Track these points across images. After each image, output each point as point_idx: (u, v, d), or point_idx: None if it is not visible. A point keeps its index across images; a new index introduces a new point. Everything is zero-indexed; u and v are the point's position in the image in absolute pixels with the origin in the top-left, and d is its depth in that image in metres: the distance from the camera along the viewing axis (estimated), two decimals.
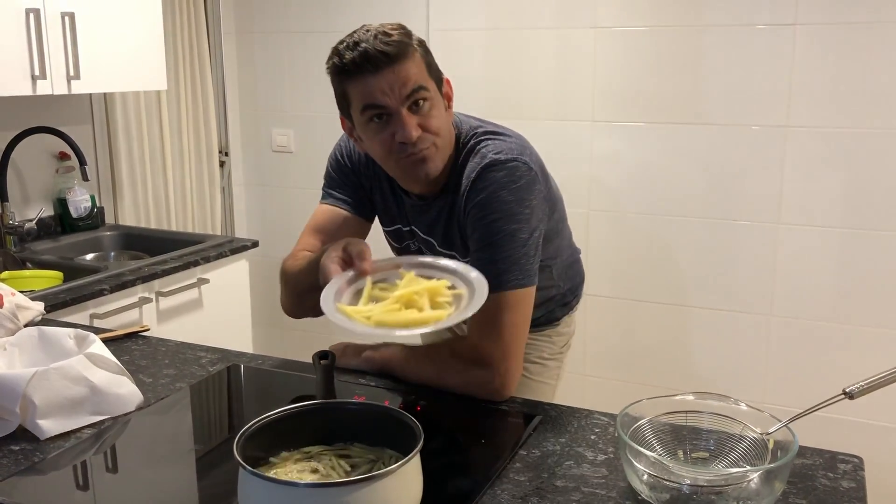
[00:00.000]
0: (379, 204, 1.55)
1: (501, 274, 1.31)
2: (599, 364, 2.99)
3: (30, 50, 2.24)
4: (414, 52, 1.30)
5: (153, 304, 2.42)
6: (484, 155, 1.36)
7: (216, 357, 1.56)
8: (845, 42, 2.47)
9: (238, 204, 3.58)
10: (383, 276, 1.19)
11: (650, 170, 2.80)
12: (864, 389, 1.04)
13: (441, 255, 1.46)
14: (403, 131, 1.29)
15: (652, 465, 1.00)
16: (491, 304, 1.31)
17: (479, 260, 1.32)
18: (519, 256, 1.32)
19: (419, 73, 1.30)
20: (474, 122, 1.45)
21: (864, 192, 2.54)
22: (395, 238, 1.59)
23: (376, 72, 1.27)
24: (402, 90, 1.28)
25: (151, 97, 3.03)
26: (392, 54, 1.26)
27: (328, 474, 0.98)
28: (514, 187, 1.33)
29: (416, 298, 1.12)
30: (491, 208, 1.32)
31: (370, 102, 1.29)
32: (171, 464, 1.19)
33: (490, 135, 1.40)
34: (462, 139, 1.41)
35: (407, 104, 1.29)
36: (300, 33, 3.28)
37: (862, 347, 2.61)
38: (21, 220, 2.62)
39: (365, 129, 1.34)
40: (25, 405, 1.22)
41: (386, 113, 1.30)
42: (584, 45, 2.81)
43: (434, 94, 1.33)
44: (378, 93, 1.28)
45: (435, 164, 1.35)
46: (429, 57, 1.35)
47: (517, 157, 1.35)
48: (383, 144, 1.33)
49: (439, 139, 1.34)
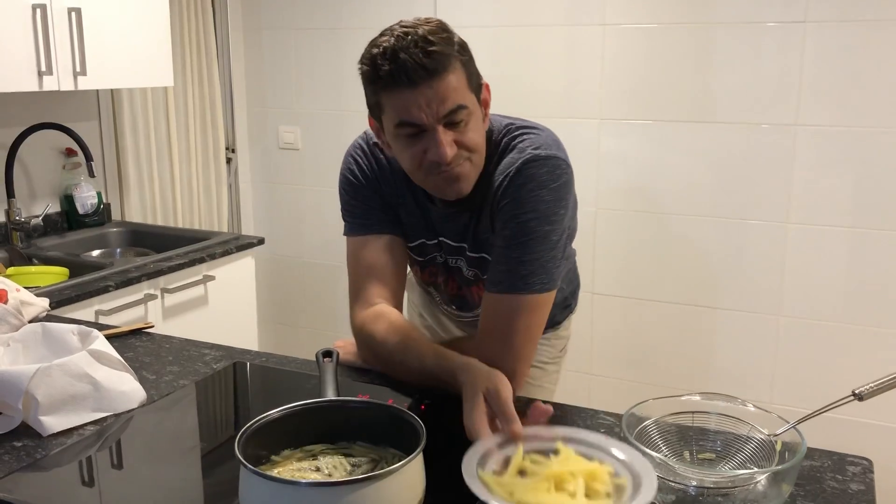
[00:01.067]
0: (402, 218, 1.45)
1: (527, 276, 1.28)
2: (606, 363, 2.98)
3: (36, 46, 2.24)
4: (455, 62, 1.21)
5: (158, 301, 2.41)
6: (522, 150, 1.30)
7: (220, 354, 1.56)
8: (855, 40, 2.45)
9: (245, 201, 3.58)
10: (539, 447, 1.02)
11: (658, 168, 2.78)
12: (873, 391, 1.03)
13: (471, 261, 1.41)
14: (437, 150, 1.22)
15: (658, 466, 0.99)
16: (509, 304, 1.30)
17: (506, 257, 1.29)
18: (547, 259, 1.29)
19: (459, 88, 1.22)
20: (505, 120, 1.39)
21: (875, 191, 2.52)
22: (418, 253, 1.50)
23: (413, 87, 1.19)
24: (441, 108, 1.20)
25: (158, 94, 3.03)
26: (431, 68, 1.18)
27: (330, 473, 0.97)
28: (554, 186, 1.28)
29: (570, 479, 0.95)
30: (528, 206, 1.27)
31: (405, 119, 1.22)
32: (173, 461, 1.19)
33: (525, 129, 1.35)
34: (494, 137, 1.35)
35: (444, 122, 1.22)
36: (308, 30, 3.27)
37: (871, 348, 2.59)
38: (27, 217, 2.63)
39: (396, 140, 1.27)
40: (28, 401, 1.21)
41: (420, 130, 1.23)
42: (593, 43, 2.79)
43: (473, 107, 1.26)
44: (414, 108, 1.20)
45: (469, 181, 1.29)
46: (470, 65, 1.26)
47: (556, 154, 1.31)
48: (414, 158, 1.26)
49: (475, 155, 1.28)
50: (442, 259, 1.48)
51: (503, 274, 1.30)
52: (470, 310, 1.54)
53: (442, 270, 1.51)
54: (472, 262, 1.42)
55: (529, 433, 1.03)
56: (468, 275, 1.44)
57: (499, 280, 1.31)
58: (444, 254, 1.47)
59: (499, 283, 1.31)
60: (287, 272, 3.57)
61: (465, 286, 1.48)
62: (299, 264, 3.54)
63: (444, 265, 1.49)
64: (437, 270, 1.52)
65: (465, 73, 1.24)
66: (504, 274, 1.30)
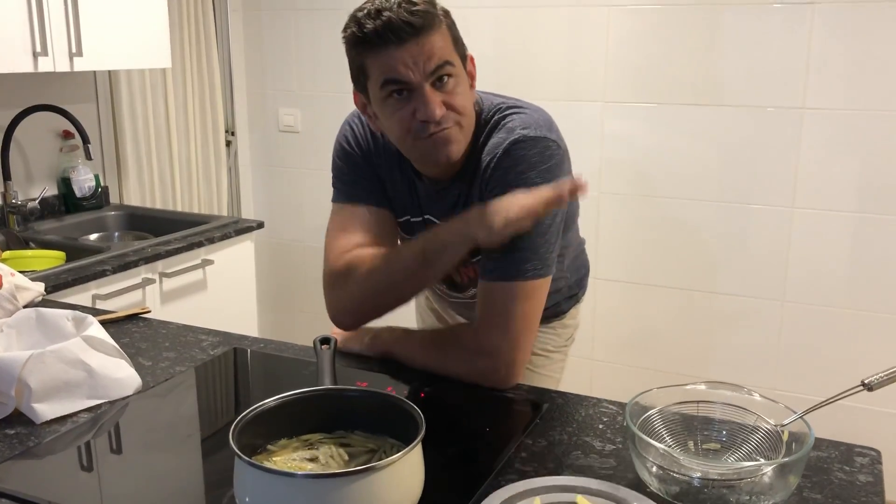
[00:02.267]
0: (389, 192, 1.43)
1: (520, 262, 1.25)
2: (609, 349, 2.96)
3: (31, 26, 2.20)
4: (440, 23, 1.21)
5: (156, 286, 2.39)
6: (511, 129, 1.27)
7: (217, 340, 1.54)
8: (863, 21, 2.41)
9: (244, 184, 3.55)
10: (555, 500, 1.00)
11: (662, 152, 2.75)
12: (883, 381, 1.00)
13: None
14: (426, 108, 1.20)
15: (661, 456, 0.97)
16: (504, 292, 1.27)
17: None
18: (539, 244, 1.26)
19: (445, 46, 1.21)
20: (496, 99, 1.36)
21: (881, 176, 2.49)
22: (405, 230, 1.47)
23: (400, 43, 1.17)
24: (427, 65, 1.19)
25: (157, 75, 3.00)
26: (418, 25, 1.17)
27: (326, 463, 0.95)
28: (543, 168, 1.25)
29: None
30: (517, 189, 1.24)
31: (391, 76, 1.20)
32: (169, 449, 1.17)
33: (515, 108, 1.32)
34: (483, 116, 1.32)
35: (431, 80, 1.20)
36: (308, 10, 3.23)
37: (877, 334, 2.57)
38: (24, 200, 2.60)
39: (382, 106, 1.25)
40: (21, 388, 1.19)
41: (407, 88, 1.20)
42: (597, 24, 2.75)
43: (459, 70, 1.24)
44: (401, 66, 1.18)
45: (458, 145, 1.26)
46: (454, 30, 1.25)
47: (547, 135, 1.27)
48: (402, 122, 1.24)
49: (464, 118, 1.26)
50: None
51: (495, 261, 1.27)
52: (460, 290, 1.50)
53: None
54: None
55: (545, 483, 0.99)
56: None
57: (491, 268, 1.28)
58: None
59: (492, 270, 1.28)
60: (287, 256, 3.55)
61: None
62: (299, 248, 3.51)
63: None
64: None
65: (450, 35, 1.24)
66: (496, 261, 1.27)
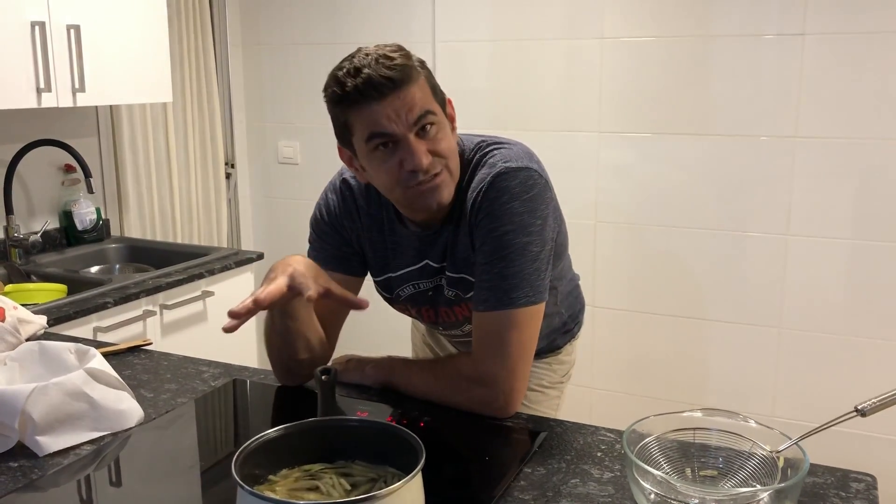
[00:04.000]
0: (368, 254, 1.46)
1: (511, 290, 1.27)
2: (607, 376, 2.97)
3: (35, 63, 2.24)
4: (418, 74, 1.25)
5: (157, 318, 2.41)
6: (493, 164, 1.31)
7: (218, 371, 1.55)
8: (854, 52, 2.46)
9: (244, 216, 3.58)
10: None
11: (657, 181, 2.78)
12: (876, 406, 1.02)
13: (451, 281, 1.39)
14: (413, 158, 1.23)
15: (659, 483, 0.98)
16: (498, 321, 1.29)
17: (488, 274, 1.29)
18: (530, 272, 1.28)
19: (425, 96, 1.24)
20: (476, 138, 1.40)
21: (874, 202, 2.52)
22: (384, 288, 1.49)
23: (381, 98, 1.21)
24: (409, 115, 1.22)
25: (157, 109, 3.03)
26: (397, 79, 1.21)
27: (328, 493, 0.96)
28: (526, 197, 1.28)
29: None
30: (502, 220, 1.27)
31: (376, 130, 1.23)
32: (171, 480, 1.18)
33: (495, 145, 1.35)
34: (466, 156, 1.36)
35: (414, 130, 1.23)
36: (307, 45, 3.28)
37: (872, 360, 2.58)
38: (26, 233, 2.62)
39: (369, 159, 1.28)
40: (24, 421, 1.20)
41: (392, 140, 1.23)
42: (591, 56, 2.79)
43: (440, 116, 1.28)
44: (384, 119, 1.22)
45: (448, 190, 1.29)
46: (432, 79, 1.29)
47: (528, 166, 1.30)
48: (390, 173, 1.26)
49: (450, 161, 1.29)
50: (413, 290, 1.46)
51: (488, 291, 1.29)
52: (455, 328, 1.52)
53: (412, 304, 1.49)
54: (452, 282, 1.40)
55: None
56: (449, 295, 1.42)
57: (484, 298, 1.30)
58: (423, 281, 1.44)
59: (485, 300, 1.30)
60: None
61: (447, 307, 1.46)
62: None
63: (414, 298, 1.47)
64: (406, 307, 1.52)
65: (428, 84, 1.27)
66: (488, 291, 1.29)
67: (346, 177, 1.46)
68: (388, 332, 2.17)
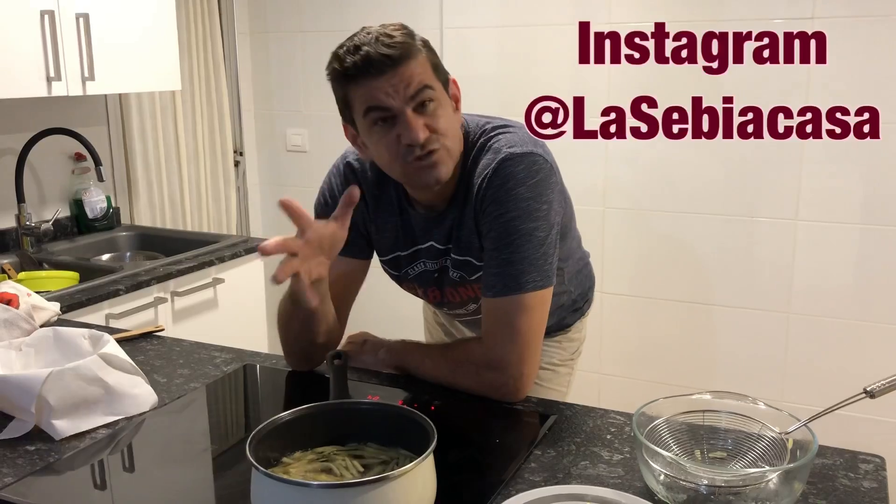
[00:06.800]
0: (374, 235, 1.47)
1: (519, 275, 1.28)
2: (616, 362, 2.97)
3: (45, 51, 2.25)
4: (418, 52, 1.25)
5: (168, 304, 2.42)
6: (498, 150, 1.31)
7: (230, 357, 1.56)
8: (865, 35, 2.44)
9: (253, 204, 3.59)
10: None
11: (666, 166, 2.77)
12: (885, 388, 1.02)
13: (456, 263, 1.40)
14: (409, 132, 1.23)
15: (668, 465, 0.99)
16: (507, 306, 1.29)
17: (496, 259, 1.30)
18: (537, 257, 1.29)
19: (424, 72, 1.24)
20: (481, 120, 1.39)
21: (884, 187, 2.51)
22: (392, 266, 1.50)
23: (379, 74, 1.22)
24: (407, 90, 1.22)
25: (166, 97, 3.04)
26: (395, 56, 1.21)
27: (341, 475, 0.97)
28: (532, 182, 1.28)
29: None
30: (508, 206, 1.28)
31: (373, 104, 1.24)
32: (185, 464, 1.19)
33: (500, 129, 1.35)
34: (470, 139, 1.36)
35: (412, 105, 1.23)
36: (314, 32, 3.28)
37: (881, 344, 2.58)
38: (37, 221, 2.64)
39: (369, 134, 1.28)
40: (41, 405, 1.22)
41: (390, 115, 1.24)
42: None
43: (440, 94, 1.27)
44: (381, 94, 1.22)
45: (446, 167, 1.29)
46: (434, 57, 1.29)
47: (533, 150, 1.30)
48: (389, 148, 1.26)
49: (448, 140, 1.28)
50: (421, 268, 1.46)
51: (496, 277, 1.30)
52: (460, 307, 1.53)
53: (419, 283, 1.50)
54: (457, 264, 1.41)
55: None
56: (454, 276, 1.43)
57: (492, 284, 1.31)
58: (429, 261, 1.45)
59: (493, 286, 1.30)
60: None
61: (452, 287, 1.46)
62: None
63: (421, 277, 1.48)
64: (413, 287, 1.52)
65: (429, 62, 1.27)
66: (496, 277, 1.30)
67: (349, 160, 1.46)
68: (397, 313, 2.18)
